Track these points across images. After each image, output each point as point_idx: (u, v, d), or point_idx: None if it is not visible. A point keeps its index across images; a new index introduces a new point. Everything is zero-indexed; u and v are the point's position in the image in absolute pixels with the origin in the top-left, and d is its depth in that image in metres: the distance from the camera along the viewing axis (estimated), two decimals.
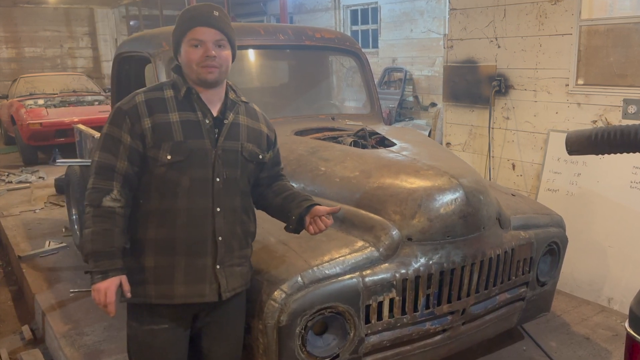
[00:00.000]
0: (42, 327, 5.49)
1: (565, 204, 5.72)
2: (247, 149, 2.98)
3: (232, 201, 2.94)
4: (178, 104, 2.85)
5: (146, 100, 2.82)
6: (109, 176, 2.76)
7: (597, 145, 3.39)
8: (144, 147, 2.78)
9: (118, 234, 2.74)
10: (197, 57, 2.80)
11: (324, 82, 6.39)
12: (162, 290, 2.84)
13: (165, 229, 2.81)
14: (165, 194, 2.80)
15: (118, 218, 2.75)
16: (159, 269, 2.83)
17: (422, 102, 14.03)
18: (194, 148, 2.80)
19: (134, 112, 2.79)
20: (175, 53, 2.94)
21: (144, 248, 2.84)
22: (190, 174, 2.80)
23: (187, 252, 2.83)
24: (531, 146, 6.29)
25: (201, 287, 2.87)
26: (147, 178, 2.82)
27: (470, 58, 6.80)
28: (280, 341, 3.15)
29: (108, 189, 2.74)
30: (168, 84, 2.93)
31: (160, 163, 2.77)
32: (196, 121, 2.84)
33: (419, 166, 3.88)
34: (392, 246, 3.49)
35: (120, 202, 2.76)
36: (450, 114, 7.27)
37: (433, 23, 13.39)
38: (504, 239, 3.92)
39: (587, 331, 4.98)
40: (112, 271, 2.73)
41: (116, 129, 2.79)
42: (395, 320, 3.50)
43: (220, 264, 2.90)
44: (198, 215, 2.83)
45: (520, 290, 4.17)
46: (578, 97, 5.74)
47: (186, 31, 2.82)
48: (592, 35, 5.63)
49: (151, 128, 2.77)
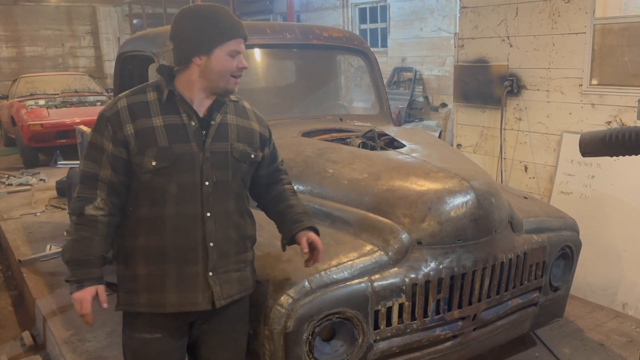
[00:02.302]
0: (43, 333, 5.50)
1: (578, 207, 5.72)
2: (238, 149, 2.94)
3: (225, 205, 2.90)
4: (161, 107, 2.81)
5: (129, 105, 2.79)
6: (92, 185, 2.75)
7: (611, 147, 3.40)
8: (128, 154, 2.76)
9: (98, 242, 2.73)
10: (233, 67, 2.81)
11: (331, 82, 6.40)
12: (154, 299, 2.82)
13: (154, 236, 2.79)
14: (154, 200, 2.78)
15: (100, 226, 2.74)
16: (150, 277, 2.81)
17: (432, 102, 14.02)
18: (179, 153, 2.77)
19: (115, 118, 2.76)
20: (194, 56, 2.81)
21: (134, 256, 2.83)
22: (178, 179, 2.77)
23: (177, 259, 2.80)
24: (544, 148, 6.28)
25: (193, 295, 2.84)
26: (135, 185, 2.80)
27: (481, 57, 6.80)
28: (287, 347, 3.15)
29: (91, 197, 2.73)
30: (152, 85, 2.89)
31: (145, 170, 2.75)
32: (181, 124, 2.80)
33: (429, 168, 3.88)
34: (401, 250, 3.50)
35: (104, 211, 2.74)
36: (461, 115, 7.27)
37: (443, 21, 13.38)
38: (516, 242, 3.91)
39: (601, 337, 4.97)
40: (88, 280, 2.73)
41: (99, 136, 2.77)
42: (405, 326, 3.50)
43: (213, 271, 2.86)
44: (187, 222, 2.80)
45: (533, 295, 4.17)
46: (592, 97, 5.73)
47: (228, 39, 2.79)
48: (606, 34, 5.63)
49: (134, 134, 2.74)
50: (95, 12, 22.45)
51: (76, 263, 2.71)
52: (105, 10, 22.56)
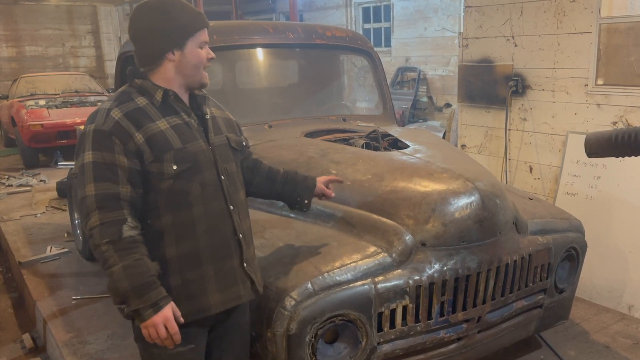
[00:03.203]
0: (43, 336, 5.51)
1: (584, 208, 5.72)
2: (233, 140, 2.99)
3: (239, 195, 2.95)
4: (159, 110, 2.72)
5: (125, 113, 2.64)
6: (116, 206, 2.56)
7: (617, 148, 3.40)
8: (142, 165, 2.63)
9: (149, 261, 2.59)
10: (204, 59, 2.78)
11: (334, 82, 6.41)
12: (196, 305, 2.75)
13: (186, 242, 2.72)
14: (178, 206, 2.70)
15: (142, 246, 2.59)
16: (187, 284, 2.73)
17: (436, 102, 14.01)
18: (195, 151, 2.74)
19: (118, 129, 2.60)
20: (167, 51, 2.73)
21: (165, 269, 2.69)
22: (199, 179, 2.74)
23: (213, 258, 2.78)
24: (549, 148, 6.28)
25: (236, 289, 2.86)
26: (152, 195, 2.68)
27: (486, 57, 6.81)
28: (290, 350, 3.16)
29: (121, 219, 2.55)
30: (133, 91, 2.76)
31: (166, 176, 2.66)
32: (184, 123, 2.77)
33: (433, 169, 3.88)
34: (405, 252, 3.50)
35: (138, 229, 2.60)
36: (465, 115, 7.28)
37: (447, 21, 13.38)
38: (521, 244, 3.91)
39: (607, 339, 4.97)
40: (162, 300, 2.58)
41: (107, 153, 2.58)
42: (409, 328, 3.51)
43: (247, 262, 2.91)
44: (217, 219, 2.80)
45: (538, 297, 4.17)
46: (598, 97, 5.73)
47: (197, 30, 2.74)
48: (612, 33, 5.62)
49: (146, 142, 2.62)
50: (96, 11, 22.50)
51: (142, 288, 2.53)
52: (106, 10, 22.61)
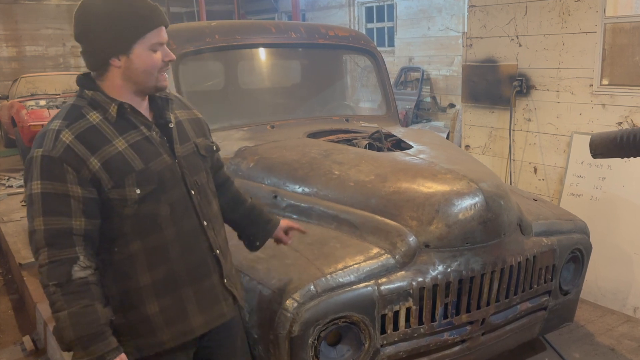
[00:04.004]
0: (43, 338, 5.50)
1: (589, 209, 5.72)
2: (202, 145, 2.76)
3: (212, 208, 2.77)
4: (114, 126, 2.45)
5: (76, 136, 2.37)
6: (67, 243, 2.33)
7: (622, 148, 3.40)
8: (100, 193, 2.39)
9: (101, 307, 2.38)
10: (159, 62, 2.49)
11: (337, 82, 6.41)
12: (178, 329, 2.60)
13: (160, 267, 2.54)
14: (147, 230, 2.50)
15: (94, 288, 2.37)
16: (166, 310, 2.57)
17: (440, 103, 14.03)
18: (158, 169, 2.51)
19: (70, 155, 2.34)
20: (111, 58, 2.45)
21: (140, 297, 2.53)
22: (166, 199, 2.53)
23: (191, 279, 2.62)
24: (554, 149, 6.29)
25: (218, 307, 2.73)
26: (117, 222, 2.46)
27: (490, 57, 6.81)
28: (292, 352, 3.16)
29: (72, 257, 2.33)
30: (83, 105, 2.49)
31: (130, 201, 2.43)
32: (144, 138, 2.52)
33: (437, 170, 3.88)
34: (408, 253, 3.50)
35: (91, 269, 2.37)
36: (469, 116, 7.28)
37: (451, 20, 13.39)
38: (525, 245, 3.91)
39: (612, 342, 4.97)
40: (109, 353, 2.36)
41: (57, 183, 2.33)
42: (412, 330, 3.51)
43: (227, 277, 2.77)
44: (190, 238, 2.62)
45: (542, 299, 4.17)
46: (603, 97, 5.73)
47: (146, 31, 2.44)
48: (617, 33, 5.63)
49: (103, 167, 2.38)
50: None
51: (87, 339, 2.32)
52: None
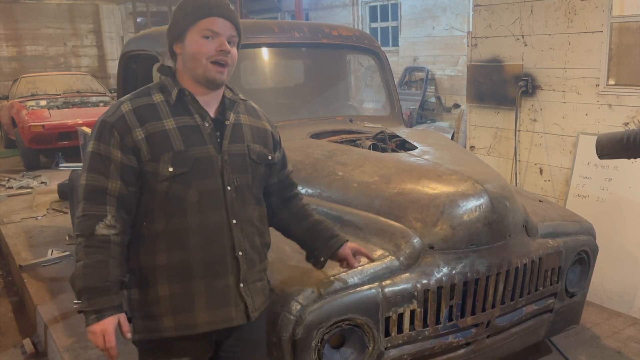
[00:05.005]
0: (44, 341, 5.52)
1: (595, 211, 5.71)
2: (255, 151, 2.80)
3: (248, 210, 2.77)
4: (171, 109, 2.64)
5: (134, 108, 2.61)
6: (100, 200, 2.53)
7: (629, 149, 3.41)
8: (139, 163, 2.57)
9: (114, 266, 2.52)
10: (209, 50, 2.61)
11: (341, 82, 6.42)
12: (182, 321, 2.64)
13: (177, 251, 2.61)
14: (172, 212, 2.60)
15: (114, 247, 2.53)
16: (175, 297, 2.62)
17: (444, 103, 14.01)
18: (197, 156, 2.61)
19: (121, 123, 2.57)
20: (173, 45, 2.73)
21: (155, 276, 2.63)
22: (198, 186, 2.61)
23: (205, 273, 2.63)
24: (559, 150, 6.28)
25: (226, 310, 2.69)
26: (148, 197, 2.61)
27: (495, 57, 6.81)
28: (296, 355, 3.16)
29: (101, 214, 2.52)
30: (155, 87, 2.72)
31: (161, 177, 2.57)
32: (195, 126, 2.65)
33: (442, 171, 3.89)
34: (413, 255, 3.51)
35: (116, 229, 2.54)
36: (474, 116, 7.27)
37: (456, 20, 13.38)
38: (531, 247, 3.92)
39: (619, 345, 4.97)
40: (108, 310, 2.49)
41: (103, 145, 2.56)
42: (417, 333, 3.51)
43: (244, 282, 2.72)
44: (213, 231, 2.64)
45: (548, 301, 4.17)
46: (609, 98, 5.73)
47: (199, 18, 2.62)
48: (624, 32, 5.62)
49: (145, 139, 2.56)
50: (98, 10, 22.51)
51: (92, 291, 2.47)
52: (108, 8, 22.62)
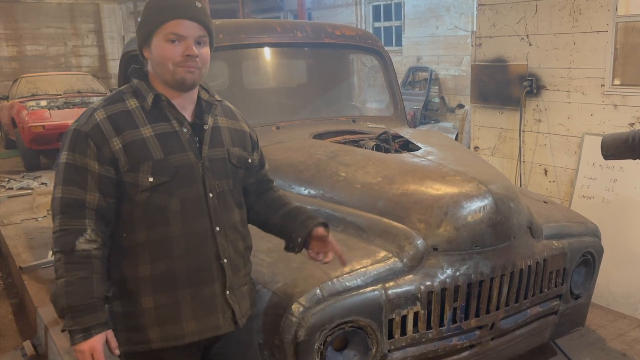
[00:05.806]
0: (44, 343, 5.51)
1: (600, 212, 5.71)
2: (235, 155, 2.78)
3: (230, 216, 2.75)
4: (147, 115, 2.57)
5: (108, 116, 2.52)
6: (79, 214, 2.47)
7: (634, 149, 3.41)
8: (117, 173, 2.50)
9: (98, 282, 2.46)
10: (175, 55, 2.53)
11: (344, 82, 6.42)
12: (169, 332, 2.61)
13: (161, 262, 2.57)
14: (154, 222, 2.55)
15: (96, 262, 2.47)
16: (160, 308, 2.59)
17: (448, 103, 14.03)
18: (177, 164, 2.56)
19: (97, 133, 2.49)
20: (141, 49, 2.64)
21: (138, 288, 2.58)
22: (179, 194, 2.56)
23: (191, 282, 2.61)
24: (564, 150, 6.28)
25: (214, 318, 2.68)
26: (128, 207, 2.55)
27: (499, 57, 6.81)
28: (298, 357, 3.15)
29: (80, 228, 2.45)
30: (128, 91, 2.63)
31: (141, 188, 2.51)
32: (173, 132, 2.59)
33: (445, 171, 3.89)
34: (416, 257, 3.50)
35: (97, 243, 2.48)
36: (478, 116, 7.28)
37: (460, 19, 13.39)
38: (535, 249, 3.91)
39: (624, 347, 4.97)
40: (96, 327, 2.45)
41: (79, 156, 2.48)
42: (420, 335, 3.51)
43: (230, 289, 2.71)
44: (197, 240, 2.61)
45: (553, 303, 4.17)
46: (614, 98, 5.73)
47: (162, 22, 2.52)
48: (629, 32, 5.62)
49: (123, 149, 2.49)
50: (99, 9, 22.52)
51: (77, 309, 2.42)
52: (109, 8, 22.63)
